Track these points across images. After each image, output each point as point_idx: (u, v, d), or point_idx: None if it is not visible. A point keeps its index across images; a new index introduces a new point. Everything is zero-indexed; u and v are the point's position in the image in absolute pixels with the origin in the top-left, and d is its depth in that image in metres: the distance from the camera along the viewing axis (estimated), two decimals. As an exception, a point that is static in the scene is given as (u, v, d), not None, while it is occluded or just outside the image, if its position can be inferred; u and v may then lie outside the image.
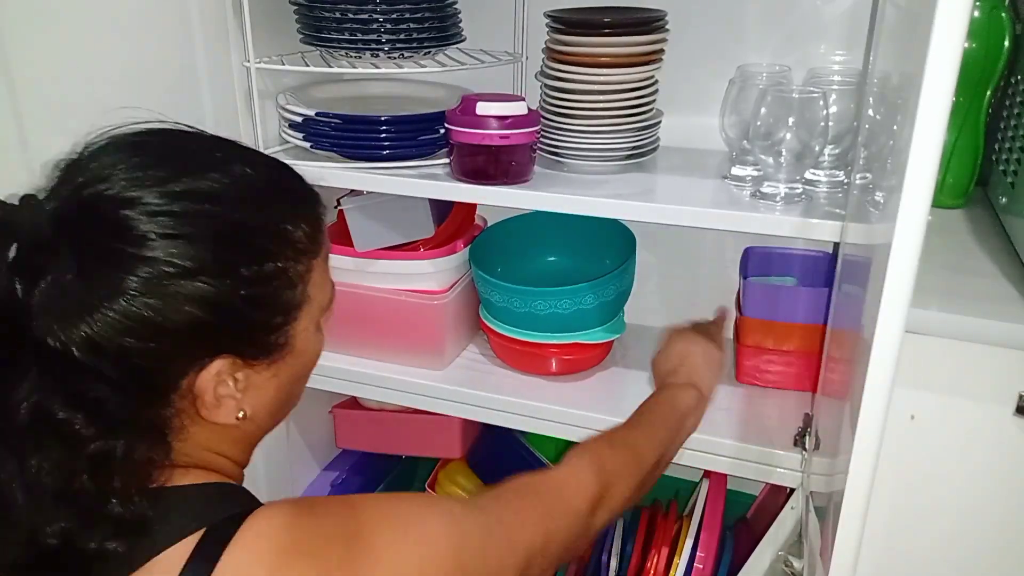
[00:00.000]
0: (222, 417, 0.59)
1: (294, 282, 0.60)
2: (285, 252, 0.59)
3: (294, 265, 0.60)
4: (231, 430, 0.61)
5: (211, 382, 0.57)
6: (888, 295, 0.49)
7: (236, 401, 0.59)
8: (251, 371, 0.59)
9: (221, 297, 0.54)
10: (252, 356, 0.59)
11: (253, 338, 0.59)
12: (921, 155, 0.46)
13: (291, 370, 0.63)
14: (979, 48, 0.92)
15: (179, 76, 0.99)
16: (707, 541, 1.07)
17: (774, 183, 0.95)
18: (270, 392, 0.62)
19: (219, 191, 0.57)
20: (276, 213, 0.60)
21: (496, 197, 1.02)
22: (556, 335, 1.12)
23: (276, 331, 0.60)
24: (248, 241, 0.57)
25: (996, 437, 0.76)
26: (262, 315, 0.58)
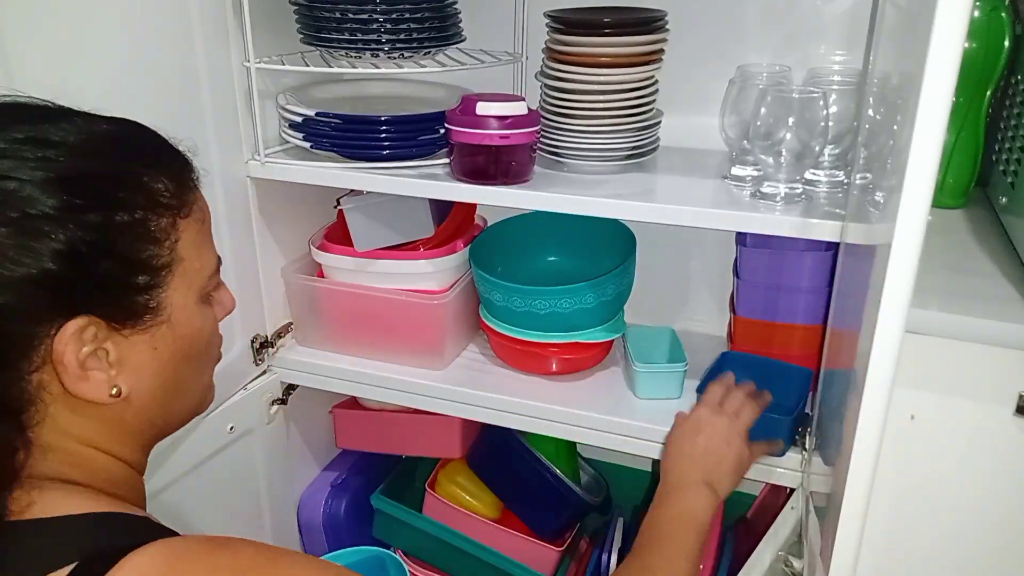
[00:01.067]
0: (91, 392, 0.54)
1: (156, 238, 0.56)
2: (140, 203, 0.55)
3: (154, 219, 0.56)
4: (103, 416, 0.56)
5: (70, 345, 0.52)
6: (888, 295, 0.49)
7: (108, 376, 0.54)
8: (121, 339, 0.55)
9: (69, 244, 0.50)
10: (115, 318, 0.54)
11: (111, 295, 0.54)
12: (921, 155, 0.46)
13: (172, 345, 0.58)
14: (979, 48, 0.92)
15: (179, 76, 0.99)
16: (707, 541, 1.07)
17: (774, 183, 0.95)
18: (150, 369, 0.57)
19: (65, 139, 0.53)
20: (130, 164, 0.56)
21: (496, 197, 1.02)
22: (556, 335, 1.12)
23: (141, 291, 0.55)
24: (95, 187, 0.53)
25: (996, 437, 0.76)
26: (117, 269, 0.54)
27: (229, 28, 1.05)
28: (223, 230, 1.10)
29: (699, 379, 1.06)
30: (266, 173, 1.11)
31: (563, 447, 1.27)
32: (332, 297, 1.20)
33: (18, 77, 0.79)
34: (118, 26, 0.90)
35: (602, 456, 1.40)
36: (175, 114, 0.99)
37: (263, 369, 1.23)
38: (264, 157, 1.11)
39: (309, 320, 1.24)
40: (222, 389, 1.15)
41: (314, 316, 1.23)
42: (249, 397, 1.19)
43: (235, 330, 1.16)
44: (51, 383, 0.53)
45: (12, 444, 0.52)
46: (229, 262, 1.12)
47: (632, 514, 1.30)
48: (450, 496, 1.32)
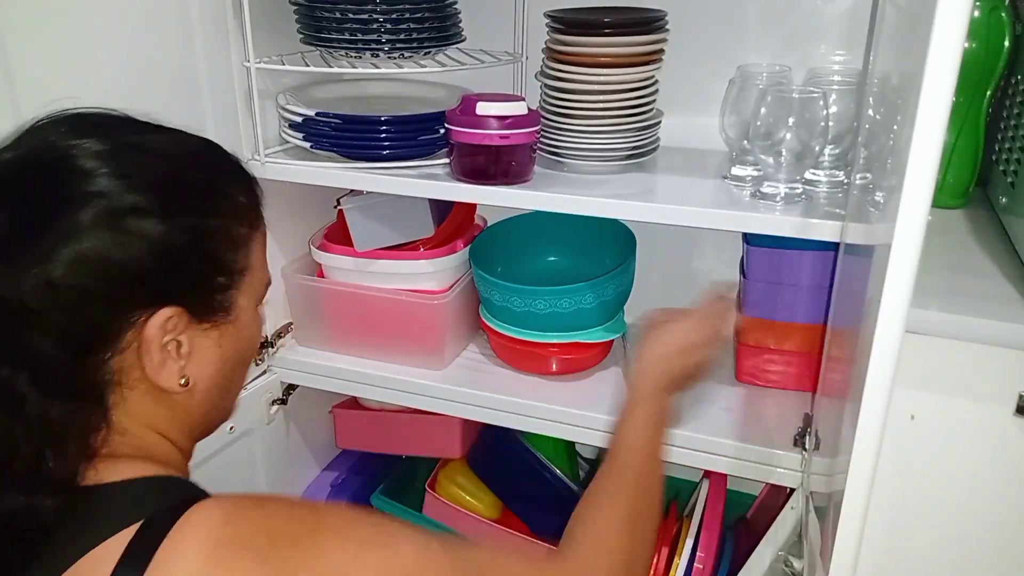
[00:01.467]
0: (164, 379, 0.58)
1: (237, 244, 0.62)
2: (226, 212, 0.62)
3: (236, 227, 0.62)
4: (172, 404, 0.60)
5: (158, 332, 0.56)
6: (888, 295, 0.49)
7: (180, 365, 0.59)
8: (195, 332, 0.60)
9: (168, 240, 0.56)
10: (197, 313, 0.59)
11: (198, 291, 0.60)
12: (921, 155, 0.46)
13: (233, 344, 0.63)
14: (979, 48, 0.92)
15: (179, 76, 0.99)
16: (707, 541, 1.07)
17: (774, 183, 0.95)
18: (213, 363, 0.62)
19: (161, 147, 0.60)
20: (219, 176, 0.63)
21: (496, 197, 1.02)
22: (556, 334, 1.12)
23: (220, 290, 0.61)
24: (191, 193, 0.60)
25: (996, 437, 0.76)
26: (206, 268, 0.60)
27: (229, 28, 1.05)
28: (223, 230, 1.10)
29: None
30: (266, 173, 1.11)
31: (563, 447, 1.27)
32: (332, 297, 1.20)
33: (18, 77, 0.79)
34: (118, 26, 0.90)
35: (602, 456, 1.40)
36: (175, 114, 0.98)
37: (263, 369, 1.23)
38: (264, 157, 1.11)
39: (309, 320, 1.24)
40: (222, 389, 1.15)
41: (314, 316, 1.23)
42: (249, 397, 1.19)
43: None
44: (132, 368, 0.57)
45: (96, 423, 0.56)
46: (229, 262, 1.12)
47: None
48: (450, 496, 1.32)
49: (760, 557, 0.89)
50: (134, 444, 0.59)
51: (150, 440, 0.60)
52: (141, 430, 0.59)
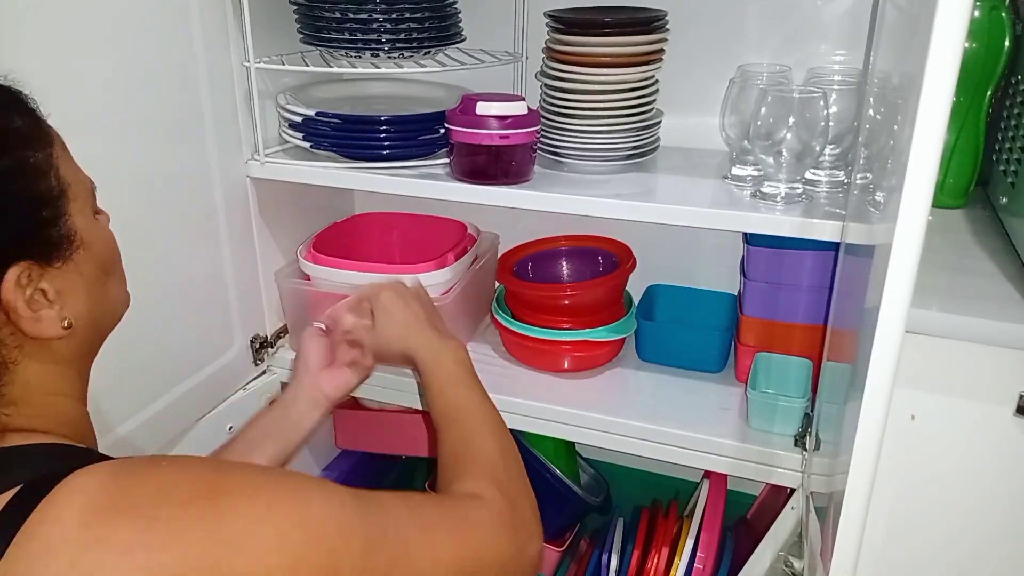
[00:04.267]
0: (47, 330, 0.57)
1: (42, 170, 0.58)
2: (14, 144, 0.57)
3: (32, 154, 0.58)
4: (59, 351, 0.59)
5: (16, 293, 0.55)
6: (888, 295, 0.49)
7: (55, 311, 0.57)
8: (54, 274, 0.58)
9: None
10: (42, 256, 0.57)
11: (31, 236, 0.57)
12: (921, 155, 0.46)
13: (92, 264, 0.61)
14: (979, 48, 0.92)
15: (179, 76, 0.99)
16: (707, 541, 1.07)
17: (774, 183, 0.95)
18: (83, 292, 0.60)
19: None
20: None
21: (496, 197, 1.02)
22: (568, 333, 1.12)
23: (51, 224, 0.58)
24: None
25: (996, 437, 0.76)
26: (26, 210, 0.57)
27: (229, 28, 1.05)
28: (223, 230, 1.10)
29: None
30: (266, 173, 1.11)
31: (563, 447, 1.27)
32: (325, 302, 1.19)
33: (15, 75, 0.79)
34: (117, 26, 0.90)
35: (602, 456, 1.40)
36: (175, 114, 0.99)
37: (263, 369, 1.23)
38: (264, 157, 1.11)
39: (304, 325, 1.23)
40: (221, 389, 1.15)
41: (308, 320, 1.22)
42: (249, 397, 1.19)
43: (235, 330, 1.16)
44: (8, 335, 0.56)
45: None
46: (229, 262, 1.12)
47: (632, 514, 1.30)
48: (450, 496, 1.32)
49: (760, 557, 0.89)
50: (28, 414, 0.57)
51: (49, 406, 0.58)
52: (36, 398, 0.58)
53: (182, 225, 1.03)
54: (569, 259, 1.30)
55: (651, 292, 1.27)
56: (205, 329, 1.11)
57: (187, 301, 1.05)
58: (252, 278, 1.18)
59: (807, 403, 1.00)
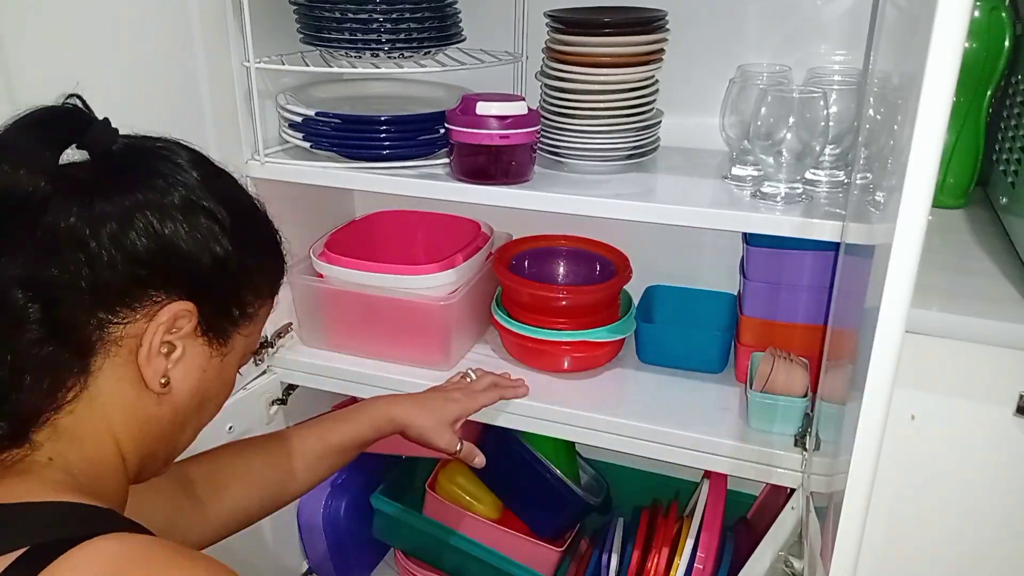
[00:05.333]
0: (148, 371, 0.58)
1: (259, 295, 0.66)
2: (266, 266, 0.67)
3: (265, 282, 0.66)
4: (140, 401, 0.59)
5: (168, 321, 0.58)
6: (888, 295, 0.49)
7: (167, 365, 0.59)
8: (193, 343, 0.61)
9: (223, 253, 0.60)
10: (205, 324, 0.61)
11: (216, 309, 0.62)
12: (921, 155, 0.46)
13: (214, 376, 0.64)
14: (979, 48, 0.92)
15: (179, 76, 0.99)
16: (707, 541, 1.07)
17: (774, 183, 0.95)
18: (193, 380, 0.62)
19: (238, 183, 0.68)
20: (273, 234, 0.69)
21: (496, 197, 1.02)
22: (568, 334, 1.12)
23: (230, 321, 0.63)
24: (253, 229, 0.65)
25: (996, 437, 0.76)
26: (231, 295, 0.63)
27: (229, 28, 1.05)
28: (223, 230, 1.10)
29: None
30: (266, 173, 1.11)
31: (563, 447, 1.27)
32: (338, 299, 1.20)
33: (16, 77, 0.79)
34: (118, 26, 0.90)
35: (602, 456, 1.40)
36: (175, 114, 0.99)
37: (263, 369, 1.23)
38: (264, 157, 1.11)
39: (312, 320, 1.24)
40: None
41: (317, 316, 1.23)
42: (249, 397, 1.19)
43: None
44: (127, 343, 0.57)
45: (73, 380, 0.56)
46: (229, 262, 1.12)
47: (632, 514, 1.30)
48: (450, 496, 1.32)
49: (760, 557, 0.89)
50: (74, 440, 0.57)
51: (93, 438, 0.58)
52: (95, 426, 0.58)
53: (182, 225, 1.03)
54: (567, 260, 1.30)
55: (651, 293, 1.27)
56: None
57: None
58: (252, 278, 1.17)
59: (807, 403, 1.00)
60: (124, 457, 0.60)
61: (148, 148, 0.61)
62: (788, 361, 1.03)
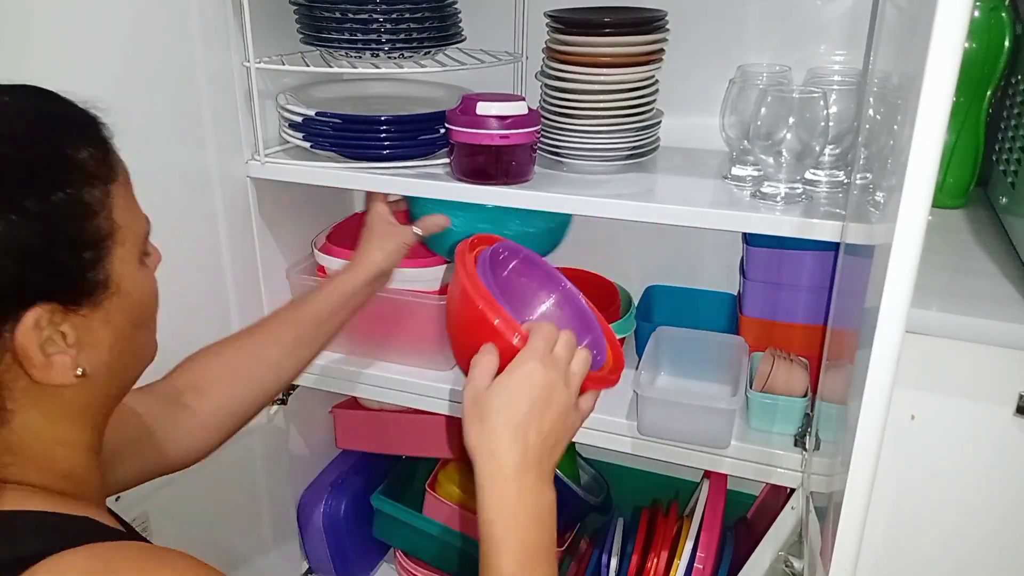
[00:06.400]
0: (58, 377, 0.52)
1: (94, 210, 0.54)
2: (72, 179, 0.53)
3: (88, 191, 0.53)
4: (69, 399, 0.55)
5: (32, 337, 0.51)
6: (888, 295, 0.49)
7: (71, 357, 0.53)
8: (78, 319, 0.53)
9: (11, 236, 0.49)
10: (71, 301, 0.53)
11: (64, 279, 0.52)
12: (921, 155, 0.46)
13: (124, 314, 0.57)
14: (979, 48, 0.92)
15: (179, 76, 0.99)
16: (707, 541, 1.07)
17: (774, 183, 0.95)
18: (107, 342, 0.56)
19: None
20: (50, 139, 0.53)
21: (496, 197, 1.02)
22: None
23: (89, 268, 0.54)
24: (26, 172, 0.51)
25: (996, 437, 0.76)
26: (66, 251, 0.52)
27: (229, 28, 1.05)
28: (223, 230, 1.10)
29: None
30: (266, 173, 1.11)
31: (563, 447, 1.27)
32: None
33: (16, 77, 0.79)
34: (117, 25, 0.90)
35: (602, 456, 1.40)
36: (175, 114, 0.99)
37: (263, 369, 1.23)
38: (264, 157, 1.11)
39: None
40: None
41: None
42: (249, 397, 1.19)
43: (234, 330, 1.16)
44: (13, 380, 0.52)
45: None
46: (229, 262, 1.12)
47: (632, 514, 1.30)
48: (450, 496, 1.32)
49: (760, 557, 0.89)
50: (24, 465, 0.54)
51: (45, 454, 0.55)
52: (36, 446, 0.54)
53: (182, 225, 1.03)
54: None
55: (651, 293, 1.27)
56: (205, 329, 1.11)
57: (187, 301, 1.05)
58: (253, 278, 1.18)
59: (807, 403, 1.00)
60: (84, 444, 0.58)
61: None
62: (788, 361, 1.03)
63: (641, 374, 1.03)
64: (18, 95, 0.55)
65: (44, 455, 0.55)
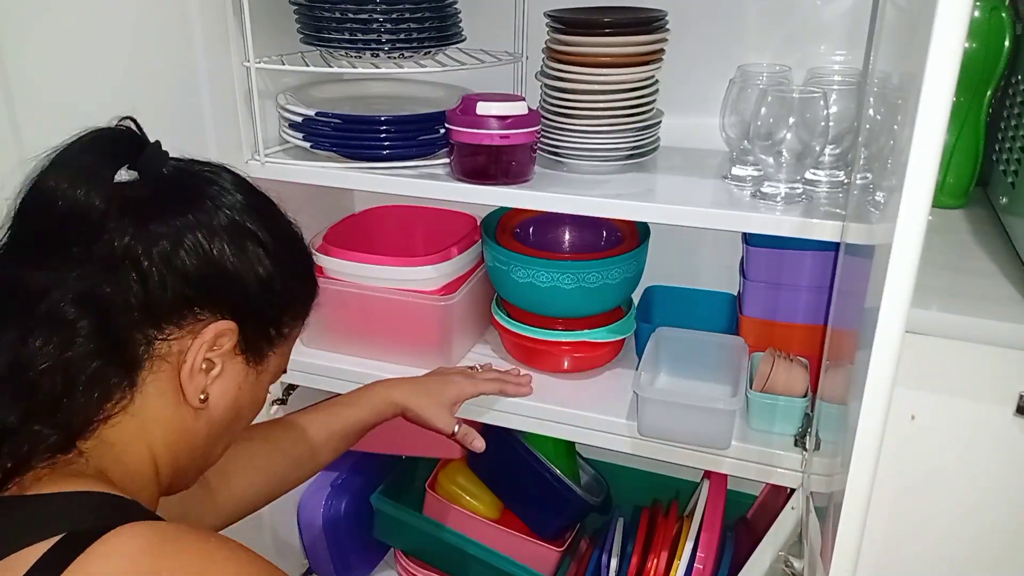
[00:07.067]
0: (190, 387, 0.60)
1: (295, 317, 0.69)
2: (305, 290, 0.70)
3: (301, 306, 0.69)
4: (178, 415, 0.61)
5: (212, 338, 0.60)
6: (888, 295, 0.49)
7: (206, 382, 0.61)
8: (232, 361, 0.63)
9: (266, 276, 0.62)
10: (244, 344, 0.63)
11: (256, 329, 0.64)
12: (921, 155, 0.46)
13: (248, 392, 0.66)
14: (979, 48, 0.92)
15: (179, 76, 0.99)
16: (707, 541, 1.07)
17: (774, 183, 0.95)
18: (229, 397, 0.64)
19: (282, 211, 0.69)
20: (312, 262, 0.71)
21: (496, 197, 1.02)
22: (568, 333, 1.13)
23: (267, 341, 0.66)
24: (295, 254, 0.68)
25: (996, 437, 0.76)
26: (271, 316, 0.66)
27: (229, 28, 1.05)
28: (223, 230, 1.10)
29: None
30: (266, 173, 1.11)
31: (563, 447, 1.27)
32: (338, 298, 1.20)
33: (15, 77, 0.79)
34: (117, 26, 0.90)
35: (602, 456, 1.40)
36: (175, 114, 0.99)
37: (263, 369, 1.23)
38: (264, 157, 1.11)
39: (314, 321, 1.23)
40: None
41: (319, 317, 1.22)
42: (249, 397, 1.19)
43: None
44: (168, 360, 0.59)
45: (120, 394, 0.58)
46: (229, 262, 1.12)
47: (632, 514, 1.30)
48: (450, 496, 1.32)
49: (760, 557, 0.89)
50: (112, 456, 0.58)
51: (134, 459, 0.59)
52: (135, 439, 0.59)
53: (182, 225, 1.03)
54: (572, 228, 1.28)
55: (650, 293, 1.27)
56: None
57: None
58: (252, 278, 1.18)
59: (807, 403, 1.00)
60: (159, 470, 0.62)
61: (196, 171, 0.64)
62: (788, 361, 1.03)
63: (641, 375, 1.03)
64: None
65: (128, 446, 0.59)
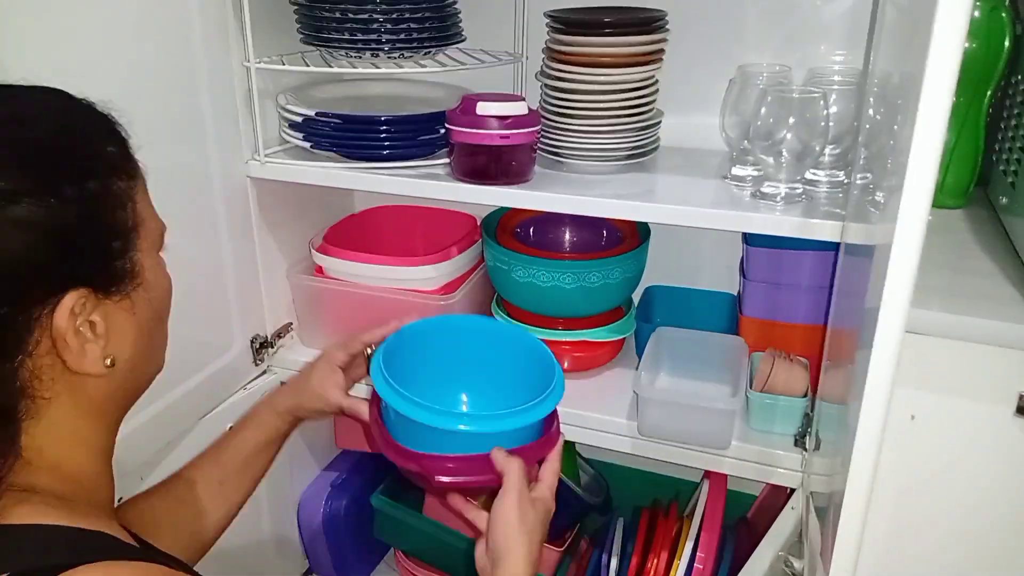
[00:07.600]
0: (90, 365, 0.54)
1: (122, 201, 0.57)
2: (103, 169, 0.56)
3: (116, 183, 0.56)
4: (92, 394, 0.56)
5: (69, 319, 0.52)
6: (888, 295, 0.49)
7: (101, 345, 0.55)
8: (107, 309, 0.55)
9: (51, 219, 0.51)
10: (102, 287, 0.55)
11: (98, 264, 0.55)
12: (921, 155, 0.46)
13: (146, 307, 0.59)
14: (979, 48, 0.92)
15: (179, 76, 0.99)
16: (707, 541, 1.07)
17: (774, 183, 0.95)
18: (131, 333, 0.58)
19: (21, 114, 0.54)
20: (82, 132, 0.57)
21: (496, 197, 1.02)
22: (569, 334, 1.13)
23: (119, 256, 0.56)
24: (63, 160, 0.54)
25: (996, 437, 0.76)
26: (99, 237, 0.55)
27: (229, 28, 1.05)
28: (223, 230, 1.10)
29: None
30: (266, 173, 1.11)
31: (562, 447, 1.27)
32: (338, 298, 1.20)
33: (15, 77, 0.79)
34: (117, 25, 0.90)
35: (602, 456, 1.40)
36: (175, 114, 0.99)
37: (263, 369, 1.23)
38: (264, 157, 1.11)
39: (312, 320, 1.24)
40: (221, 389, 1.15)
41: (317, 316, 1.23)
42: (249, 397, 1.19)
43: (235, 330, 1.16)
44: (48, 369, 0.53)
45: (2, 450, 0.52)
46: (229, 262, 1.12)
47: (632, 514, 1.30)
48: (450, 496, 1.32)
49: (760, 557, 0.89)
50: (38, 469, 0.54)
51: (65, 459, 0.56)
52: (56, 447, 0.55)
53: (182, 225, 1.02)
54: (573, 228, 1.29)
55: (650, 293, 1.27)
56: (205, 329, 1.11)
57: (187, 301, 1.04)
58: (252, 278, 1.18)
59: (807, 403, 1.00)
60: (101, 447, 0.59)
61: None
62: (788, 361, 1.03)
63: (641, 375, 1.03)
64: (44, 92, 0.58)
65: (60, 457, 0.55)
